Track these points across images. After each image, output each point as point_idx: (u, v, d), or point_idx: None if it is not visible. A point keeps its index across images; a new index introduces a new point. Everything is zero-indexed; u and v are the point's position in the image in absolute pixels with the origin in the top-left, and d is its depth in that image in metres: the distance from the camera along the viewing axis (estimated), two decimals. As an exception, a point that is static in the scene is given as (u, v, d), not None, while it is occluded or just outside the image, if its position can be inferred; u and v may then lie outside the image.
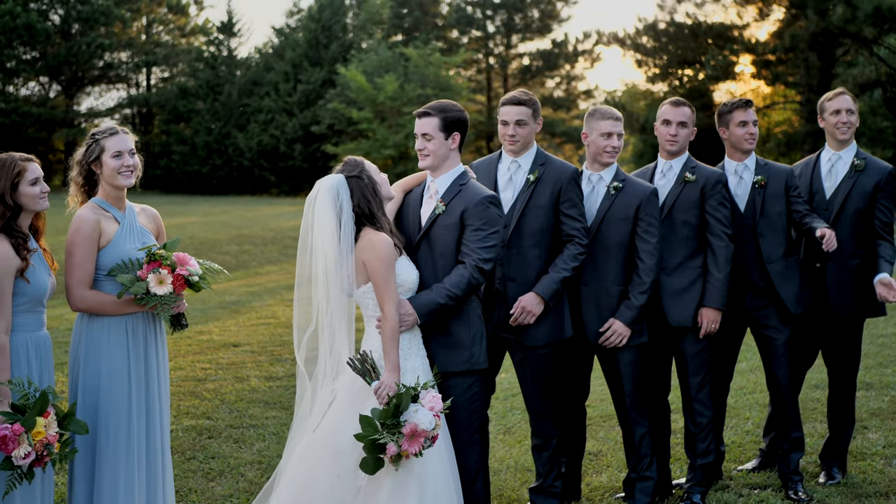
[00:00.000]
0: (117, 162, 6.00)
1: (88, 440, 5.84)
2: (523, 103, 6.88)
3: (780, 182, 7.49)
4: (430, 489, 5.89)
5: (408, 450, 5.67)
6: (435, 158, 6.36)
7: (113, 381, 5.91)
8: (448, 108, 6.34)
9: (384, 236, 6.02)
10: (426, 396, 5.80)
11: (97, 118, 63.53)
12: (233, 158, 58.61)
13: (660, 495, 7.44)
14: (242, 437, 9.08)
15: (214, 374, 11.62)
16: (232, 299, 18.08)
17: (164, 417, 6.20)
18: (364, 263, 6.03)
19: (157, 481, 6.12)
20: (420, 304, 6.10)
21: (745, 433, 9.04)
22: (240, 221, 36.11)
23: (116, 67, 63.03)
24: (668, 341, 7.36)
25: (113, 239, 5.95)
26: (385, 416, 5.71)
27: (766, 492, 7.57)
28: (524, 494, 7.58)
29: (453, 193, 6.35)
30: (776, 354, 7.51)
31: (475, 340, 6.34)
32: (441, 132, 6.30)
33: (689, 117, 7.38)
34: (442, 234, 6.32)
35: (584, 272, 7.00)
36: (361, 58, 54.90)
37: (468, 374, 6.30)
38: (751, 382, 10.89)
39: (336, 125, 54.70)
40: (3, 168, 5.64)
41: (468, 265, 6.18)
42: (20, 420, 5.25)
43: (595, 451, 8.52)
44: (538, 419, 7.05)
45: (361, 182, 6.12)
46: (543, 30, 61.76)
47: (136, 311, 5.94)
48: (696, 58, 51.01)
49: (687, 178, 7.27)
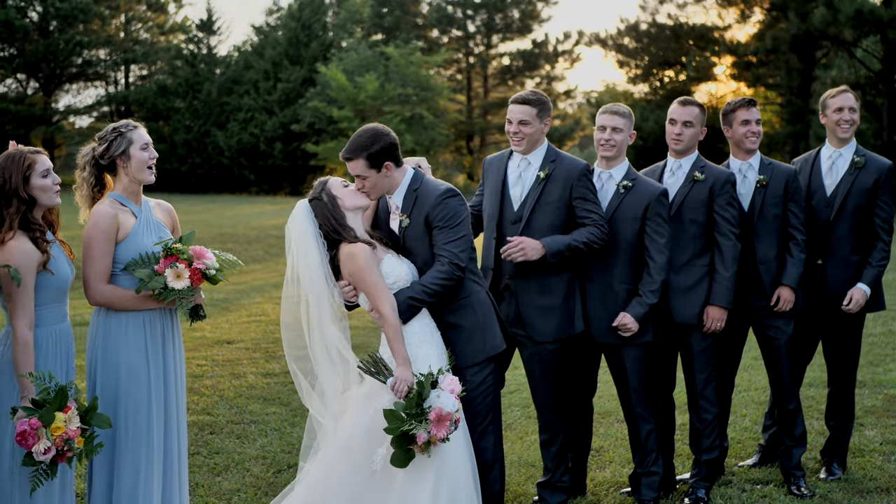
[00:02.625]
0: (146, 154, 6.04)
1: (107, 435, 5.85)
2: (528, 102, 6.90)
3: (780, 183, 7.53)
4: (447, 474, 5.96)
5: (436, 434, 5.75)
6: (377, 190, 6.36)
7: (132, 376, 5.92)
8: (367, 143, 6.22)
9: (359, 245, 6.13)
10: (445, 380, 5.90)
11: (75, 116, 63.29)
12: (212, 157, 58.45)
13: (664, 490, 7.51)
14: (244, 432, 9.09)
15: (211, 370, 11.62)
16: (220, 297, 18.04)
17: (181, 412, 6.22)
18: (350, 275, 6.15)
19: (174, 476, 6.14)
20: (398, 303, 6.15)
21: (744, 430, 9.12)
22: (221, 220, 35.98)
23: (95, 65, 62.68)
24: (674, 338, 7.41)
25: (131, 233, 5.97)
26: (409, 405, 5.80)
27: (768, 487, 7.64)
28: (529, 489, 7.63)
29: (411, 202, 6.37)
30: (778, 353, 7.57)
31: (485, 327, 6.39)
32: (371, 169, 6.25)
33: (696, 117, 7.39)
34: (416, 245, 6.39)
35: (591, 269, 7.05)
36: (342, 56, 54.88)
37: (483, 362, 6.36)
38: (745, 381, 10.98)
39: (316, 124, 54.64)
40: (13, 162, 5.63)
41: (443, 262, 6.22)
42: (38, 415, 5.25)
43: (597, 447, 8.57)
44: (546, 415, 7.10)
45: (321, 203, 6.25)
46: (524, 30, 61.94)
47: (154, 306, 5.95)
48: (678, 59, 51.32)
49: (696, 178, 7.30)
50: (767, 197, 7.51)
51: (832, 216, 7.69)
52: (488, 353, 6.37)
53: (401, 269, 6.23)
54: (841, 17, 38.59)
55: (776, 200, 7.51)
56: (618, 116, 7.14)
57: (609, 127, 7.12)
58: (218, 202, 47.92)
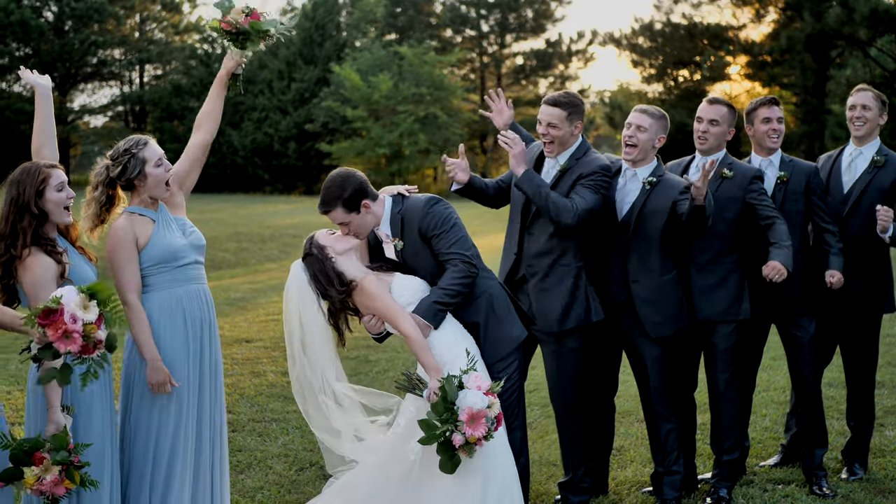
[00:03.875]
0: (161, 170, 6.07)
1: (145, 429, 5.95)
2: (558, 105, 6.88)
3: (801, 180, 7.52)
4: (495, 476, 5.99)
5: (474, 434, 5.74)
6: (364, 230, 6.41)
7: (171, 373, 5.97)
8: (339, 191, 6.25)
9: (364, 278, 6.21)
10: (470, 379, 5.89)
11: (90, 115, 63.45)
12: (226, 156, 58.46)
13: (686, 490, 7.51)
14: (266, 430, 9.14)
15: (231, 369, 11.66)
16: (237, 296, 18.11)
17: (216, 409, 6.28)
18: (365, 307, 6.26)
19: (205, 475, 6.21)
20: (423, 311, 6.19)
21: (764, 430, 9.12)
22: (235, 219, 36.03)
23: (110, 65, 62.79)
24: (697, 338, 7.42)
25: (152, 236, 6.02)
26: (438, 410, 5.81)
27: (790, 487, 7.64)
28: (550, 488, 7.65)
29: (399, 226, 6.41)
30: (802, 352, 7.56)
31: (505, 319, 6.45)
32: (351, 213, 6.30)
33: (724, 116, 7.36)
34: (417, 262, 6.42)
35: (630, 270, 7.04)
36: (356, 56, 54.90)
37: (508, 355, 6.40)
38: (764, 381, 10.96)
39: (330, 123, 54.69)
40: (28, 175, 5.63)
41: (455, 263, 6.26)
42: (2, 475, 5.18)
43: (618, 447, 8.57)
44: (566, 413, 7.11)
45: (313, 258, 6.30)
46: (537, 29, 61.86)
47: None
48: (692, 59, 51.26)
49: (724, 174, 7.29)
50: (788, 193, 7.50)
51: (846, 213, 7.68)
52: (513, 344, 6.41)
53: (413, 282, 6.32)
54: (856, 17, 38.56)
55: (796, 197, 7.50)
56: (646, 115, 7.08)
57: (634, 125, 7.08)
58: (232, 201, 47.98)
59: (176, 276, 6.07)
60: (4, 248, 5.55)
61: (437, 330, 6.20)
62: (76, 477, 5.23)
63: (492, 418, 5.83)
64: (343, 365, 10.66)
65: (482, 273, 6.45)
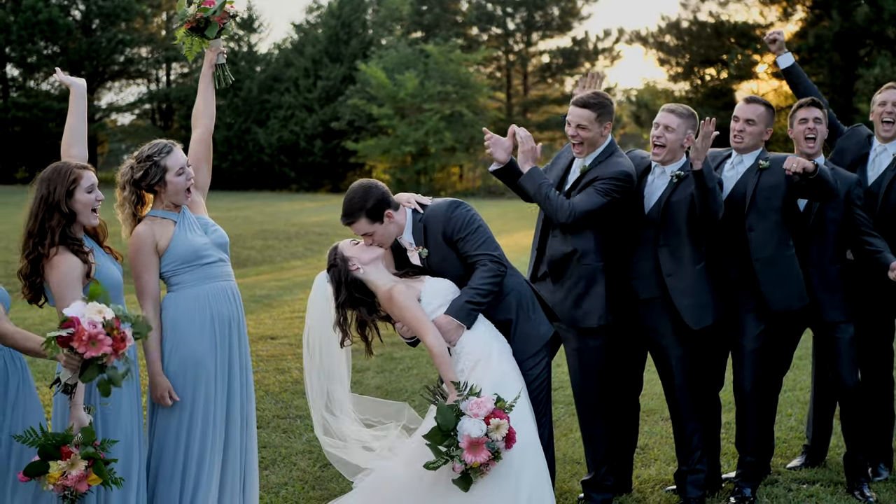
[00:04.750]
0: (182, 179, 6.11)
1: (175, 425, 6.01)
2: (587, 106, 6.87)
3: (841, 189, 7.34)
4: (528, 474, 5.98)
5: (476, 460, 5.72)
6: (388, 239, 6.43)
7: (199, 369, 6.03)
8: (362, 202, 6.26)
9: (393, 288, 6.24)
10: (467, 405, 5.84)
11: (118, 113, 63.77)
12: (253, 154, 58.64)
13: (710, 489, 7.50)
14: (290, 427, 9.18)
15: (256, 365, 11.70)
16: (262, 293, 18.16)
17: (246, 406, 6.32)
18: (393, 316, 6.29)
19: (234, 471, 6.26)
20: (455, 311, 6.21)
21: (789, 429, 9.09)
22: (261, 217, 36.14)
23: (137, 63, 63.19)
24: (724, 335, 7.40)
25: (173, 237, 6.07)
26: (435, 439, 5.84)
27: (814, 486, 7.62)
28: (574, 486, 7.65)
29: (422, 233, 6.43)
30: (840, 354, 7.42)
31: (533, 316, 6.47)
32: (374, 224, 6.31)
33: (761, 115, 7.27)
34: (444, 267, 6.43)
35: (663, 264, 7.00)
36: (381, 54, 54.96)
37: (537, 353, 6.42)
38: (790, 380, 10.90)
39: (356, 121, 54.79)
40: (59, 175, 5.65)
41: (484, 262, 6.29)
42: (23, 469, 5.19)
43: (642, 445, 8.56)
44: (589, 412, 7.11)
45: (337, 269, 6.34)
46: (564, 27, 61.81)
47: None
48: (719, 57, 51.05)
49: (761, 165, 7.21)
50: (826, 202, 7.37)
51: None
52: (542, 341, 6.44)
53: (443, 284, 6.34)
54: (884, 15, 38.35)
55: (834, 205, 7.36)
56: (674, 115, 7.03)
57: (662, 124, 7.04)
58: (258, 199, 48.12)
59: (201, 274, 6.11)
60: (32, 245, 5.58)
61: (470, 330, 6.22)
62: (104, 472, 5.23)
63: (498, 440, 5.77)
64: (370, 362, 10.78)
65: (509, 271, 6.46)
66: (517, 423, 5.94)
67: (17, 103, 56.98)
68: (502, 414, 5.81)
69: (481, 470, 5.79)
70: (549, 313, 6.61)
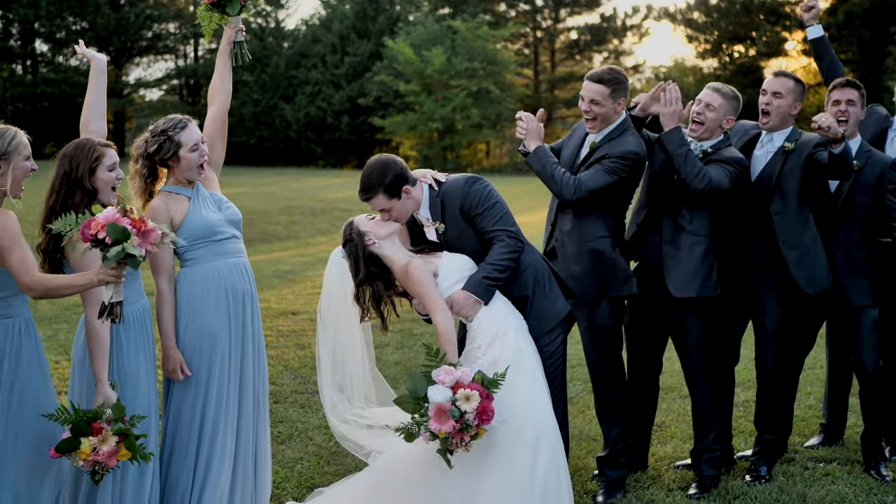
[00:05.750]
0: (195, 155, 6.09)
1: (191, 400, 6.04)
2: (602, 81, 6.81)
3: (874, 172, 7.27)
4: (545, 446, 5.95)
5: (441, 429, 5.61)
6: (405, 215, 6.40)
7: (215, 344, 6.05)
8: (380, 177, 6.22)
9: (413, 263, 6.20)
10: (439, 373, 5.75)
11: (146, 89, 63.90)
12: (280, 130, 58.73)
13: (725, 467, 7.48)
14: (308, 402, 9.20)
15: (276, 341, 11.74)
16: (286, 269, 18.21)
17: (259, 384, 6.34)
18: (407, 289, 6.26)
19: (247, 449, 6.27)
20: (473, 287, 6.18)
21: (808, 408, 9.04)
22: (288, 192, 36.23)
23: (164, 38, 63.31)
24: (741, 311, 7.37)
25: (188, 213, 6.07)
26: (406, 405, 5.79)
27: (831, 465, 7.60)
28: (590, 463, 7.65)
29: (439, 209, 6.40)
30: (862, 337, 7.37)
31: (550, 292, 6.45)
32: (392, 199, 6.27)
33: (789, 89, 7.16)
34: (461, 243, 6.41)
35: (671, 237, 7.03)
36: (409, 30, 54.83)
37: (553, 329, 6.40)
38: (811, 359, 10.84)
39: (383, 98, 54.74)
40: (82, 151, 5.65)
41: (501, 238, 6.26)
42: (56, 445, 5.22)
43: (659, 423, 8.55)
44: (603, 390, 7.12)
45: (353, 244, 6.30)
46: (592, 4, 61.48)
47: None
48: (748, 34, 50.71)
49: (786, 147, 7.14)
50: (857, 184, 7.28)
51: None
52: (558, 318, 6.42)
53: (461, 260, 6.31)
54: (916, -9, 37.93)
55: (865, 189, 7.26)
56: (718, 95, 7.00)
57: (704, 102, 7.01)
58: (285, 175, 48.22)
59: (215, 250, 6.12)
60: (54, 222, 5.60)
61: (487, 306, 6.21)
62: (136, 447, 5.28)
63: (468, 411, 5.63)
64: (389, 338, 10.78)
65: (526, 248, 6.45)
66: (533, 401, 5.96)
67: (45, 79, 57.18)
68: (477, 387, 5.70)
69: (461, 445, 5.69)
70: (565, 290, 6.60)
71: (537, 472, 5.91)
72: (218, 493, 6.06)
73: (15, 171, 5.23)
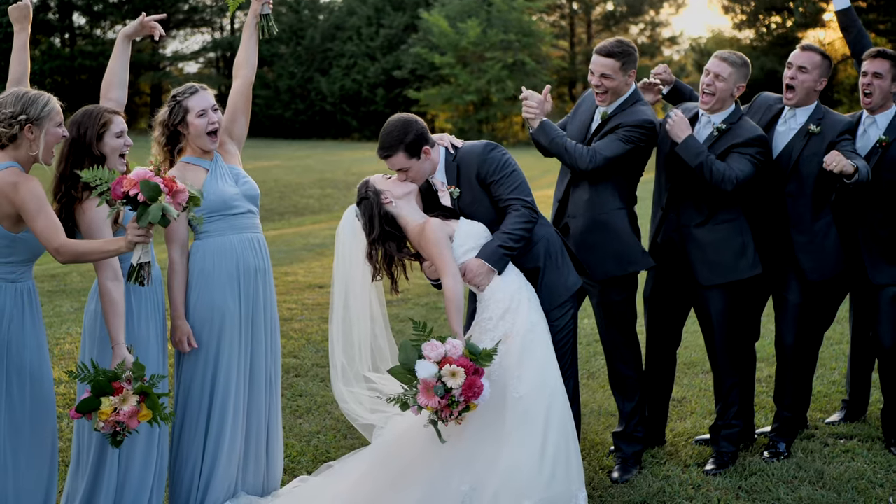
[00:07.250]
0: (203, 121, 6.09)
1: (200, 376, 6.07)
2: (611, 55, 6.77)
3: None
4: (555, 424, 5.94)
5: (429, 404, 5.60)
6: (422, 176, 6.36)
7: (226, 317, 6.08)
8: (401, 135, 6.17)
9: (430, 222, 6.15)
10: (426, 347, 5.71)
11: (182, 62, 64.08)
12: (315, 103, 58.78)
13: (743, 443, 7.44)
14: (328, 376, 9.12)
15: (300, 314, 11.77)
16: (316, 242, 18.26)
17: (271, 359, 6.36)
18: (421, 249, 6.22)
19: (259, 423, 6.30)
20: (487, 255, 6.14)
21: (832, 383, 8.96)
22: (322, 165, 36.29)
23: (201, 11, 63.48)
24: (763, 287, 7.32)
25: (204, 185, 6.08)
26: (398, 376, 5.78)
27: (851, 441, 7.53)
28: (607, 438, 7.62)
29: (455, 173, 6.35)
30: (882, 312, 7.28)
31: (562, 265, 6.41)
32: (412, 159, 6.22)
33: (814, 63, 7.01)
34: (475, 209, 6.36)
35: (681, 214, 6.99)
36: (444, 2, 54.63)
37: (564, 303, 6.37)
38: (837, 333, 10.77)
39: (418, 70, 54.61)
40: (90, 117, 5.69)
41: (517, 207, 6.21)
42: (76, 405, 5.24)
43: (679, 398, 8.51)
44: (617, 364, 7.10)
45: (368, 202, 6.27)
46: (628, -25, 60.98)
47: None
48: (785, 4, 50.08)
49: (811, 130, 7.02)
50: (885, 160, 7.13)
51: None
52: (569, 292, 6.39)
53: (477, 228, 6.26)
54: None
55: (892, 165, 7.11)
56: (725, 63, 6.88)
57: (713, 72, 6.90)
58: (320, 148, 48.29)
59: (229, 224, 6.13)
60: (65, 189, 5.62)
61: (501, 276, 6.17)
62: (157, 406, 5.28)
63: (455, 387, 5.58)
64: (413, 312, 10.78)
65: (540, 220, 6.41)
66: (544, 376, 5.94)
67: (83, 51, 57.55)
68: (465, 361, 5.65)
69: (451, 418, 5.67)
70: (577, 265, 6.56)
71: (547, 447, 5.88)
72: (229, 468, 6.09)
73: (47, 137, 5.27)
